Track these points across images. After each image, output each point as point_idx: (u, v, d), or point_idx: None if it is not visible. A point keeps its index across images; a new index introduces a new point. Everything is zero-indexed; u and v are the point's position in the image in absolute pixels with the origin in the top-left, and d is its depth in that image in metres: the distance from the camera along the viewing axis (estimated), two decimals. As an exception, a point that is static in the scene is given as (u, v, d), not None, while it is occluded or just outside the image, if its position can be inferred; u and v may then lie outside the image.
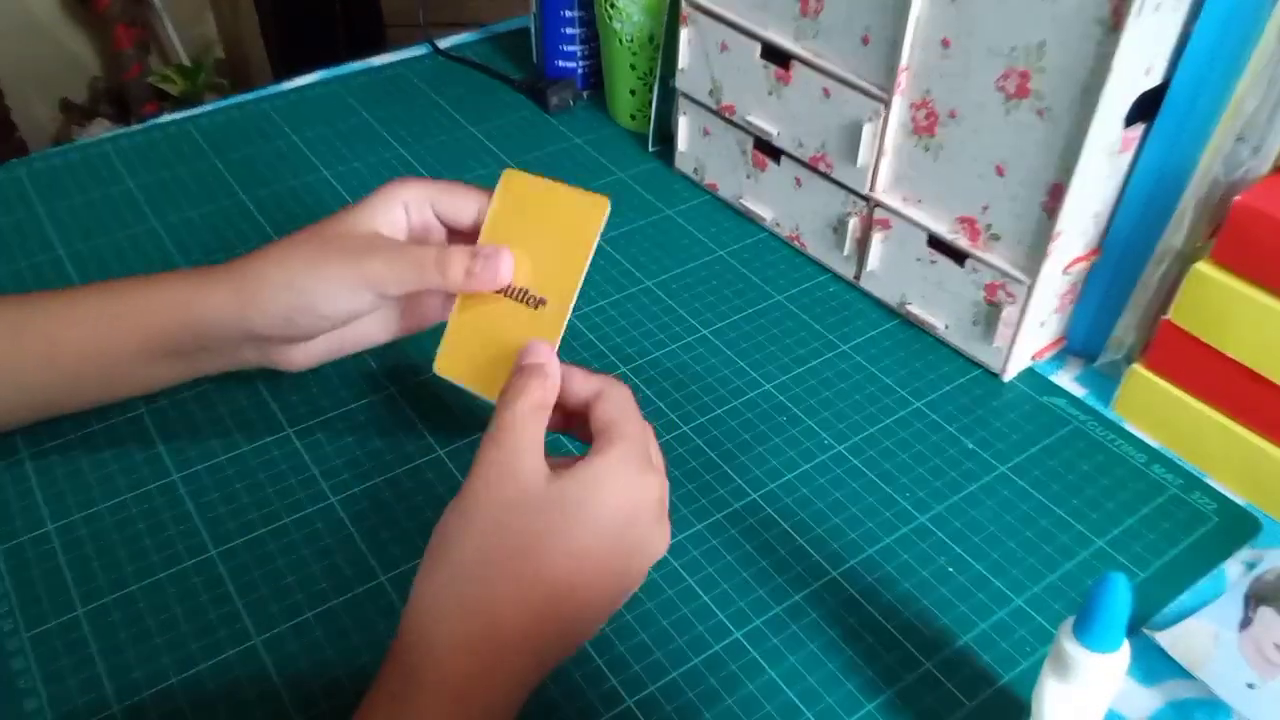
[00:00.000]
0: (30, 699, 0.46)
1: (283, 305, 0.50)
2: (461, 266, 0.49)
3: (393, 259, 0.49)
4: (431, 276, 0.49)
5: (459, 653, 0.39)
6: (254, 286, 0.50)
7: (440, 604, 0.40)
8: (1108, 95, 0.52)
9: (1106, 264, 0.61)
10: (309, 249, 0.50)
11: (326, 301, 0.50)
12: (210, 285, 0.51)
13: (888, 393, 0.62)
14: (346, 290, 0.49)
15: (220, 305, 0.50)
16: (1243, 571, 0.53)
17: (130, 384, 0.54)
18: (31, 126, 1.95)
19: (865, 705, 0.47)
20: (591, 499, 0.41)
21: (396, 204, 0.51)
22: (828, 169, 0.67)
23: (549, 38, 0.87)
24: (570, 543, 0.41)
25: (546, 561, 0.40)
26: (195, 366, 0.54)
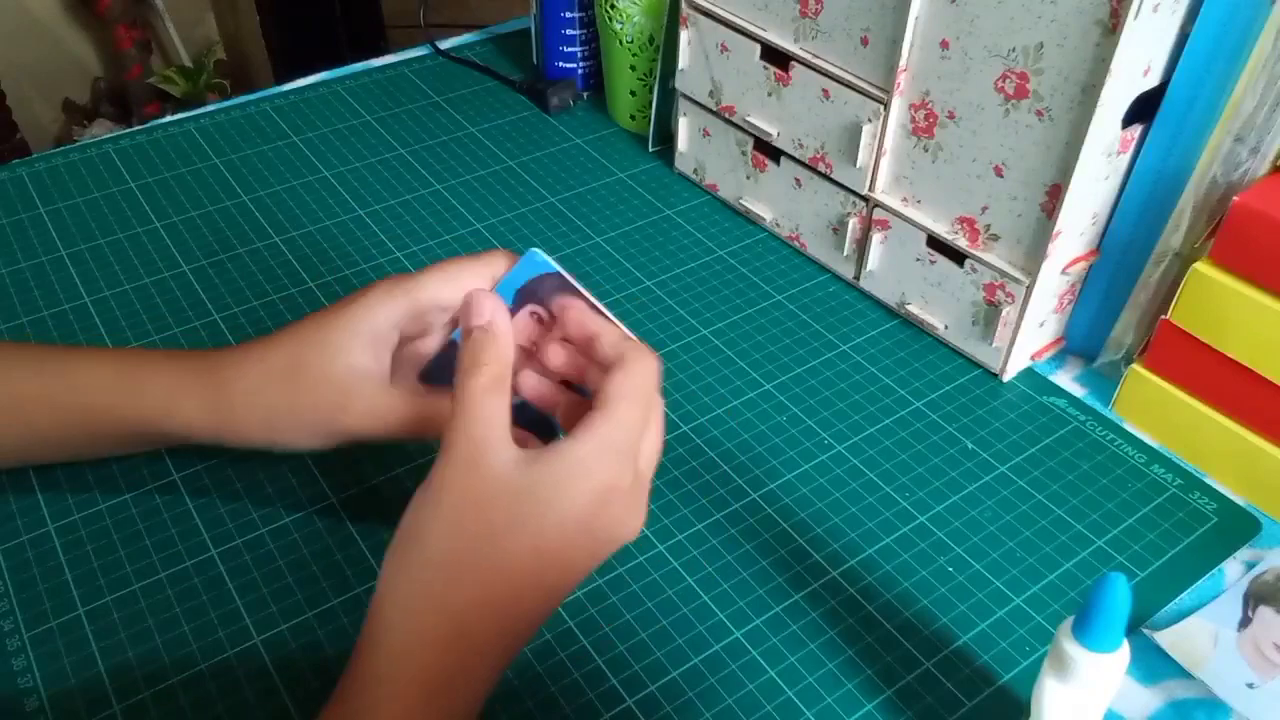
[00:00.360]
0: (30, 699, 0.46)
1: (258, 440, 0.49)
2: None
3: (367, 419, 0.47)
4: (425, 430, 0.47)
5: (427, 651, 0.38)
6: (228, 412, 0.48)
7: (408, 600, 0.39)
8: (1106, 96, 0.52)
9: (1105, 264, 0.61)
10: (286, 389, 0.47)
11: (303, 444, 0.49)
12: (185, 396, 0.49)
13: (887, 393, 0.62)
14: (324, 440, 0.48)
15: (195, 424, 0.49)
16: (1242, 571, 0.53)
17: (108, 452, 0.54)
18: (33, 127, 1.95)
19: (865, 705, 0.47)
20: (561, 489, 0.40)
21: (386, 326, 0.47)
22: (827, 169, 0.67)
23: (549, 38, 0.87)
24: (538, 537, 0.40)
25: (513, 556, 0.39)
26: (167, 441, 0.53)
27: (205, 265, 0.70)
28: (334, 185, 0.78)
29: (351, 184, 0.78)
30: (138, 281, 0.68)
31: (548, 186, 0.79)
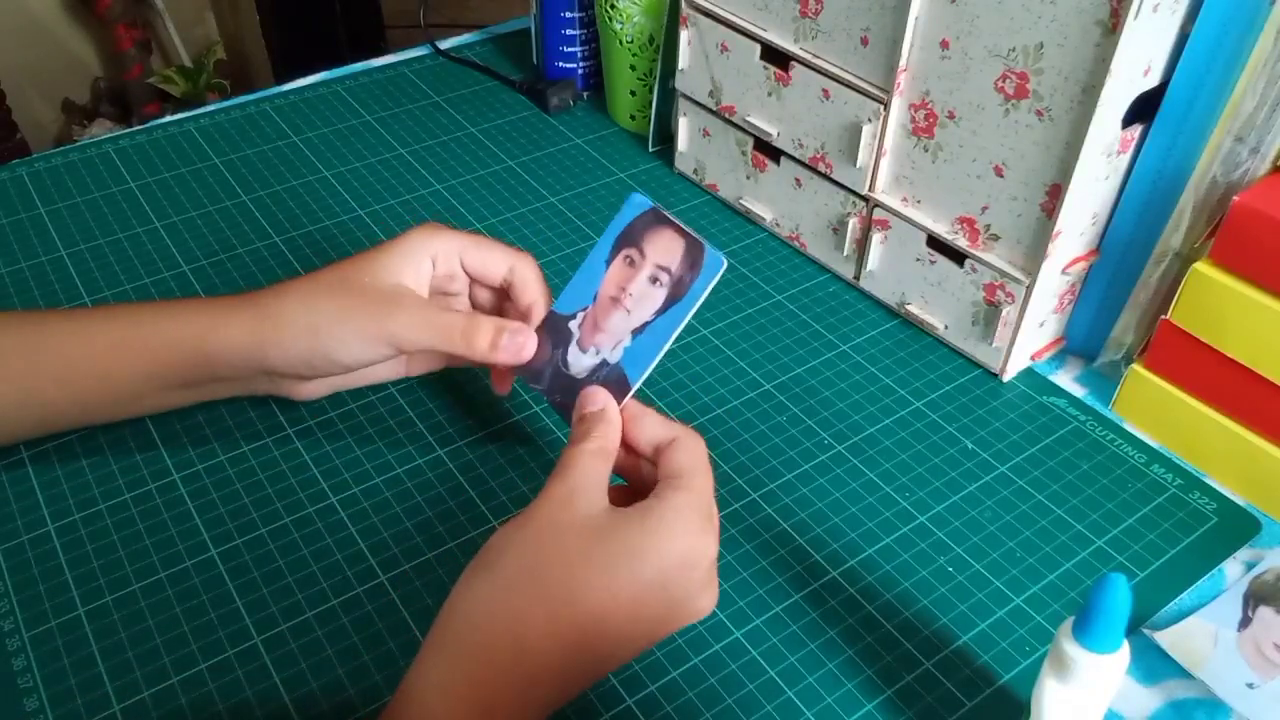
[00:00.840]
0: (30, 699, 0.46)
1: (302, 349, 0.50)
2: (487, 339, 0.49)
3: (417, 321, 0.49)
4: (457, 345, 0.49)
5: (485, 667, 0.39)
6: (273, 325, 0.50)
7: (475, 612, 0.40)
8: (1106, 96, 0.52)
9: (1105, 264, 0.61)
10: (334, 296, 0.50)
11: (345, 351, 0.50)
12: (228, 319, 0.51)
13: (887, 393, 0.62)
14: (368, 344, 0.49)
15: (238, 341, 0.50)
16: (1242, 571, 0.53)
17: (138, 408, 0.55)
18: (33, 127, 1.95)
19: (865, 705, 0.47)
20: (645, 540, 0.40)
21: (424, 255, 0.51)
22: (827, 169, 0.67)
23: (549, 38, 0.87)
24: (611, 577, 0.40)
25: (581, 589, 0.39)
26: (205, 394, 0.55)
27: (205, 265, 0.70)
28: (334, 185, 0.78)
29: (351, 184, 0.78)
30: (138, 281, 0.68)
31: (548, 186, 0.79)
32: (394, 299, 0.50)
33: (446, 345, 0.49)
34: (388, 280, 0.50)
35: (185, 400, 0.55)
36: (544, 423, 0.60)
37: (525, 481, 0.56)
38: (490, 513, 0.54)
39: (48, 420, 0.54)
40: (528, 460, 0.57)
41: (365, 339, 0.49)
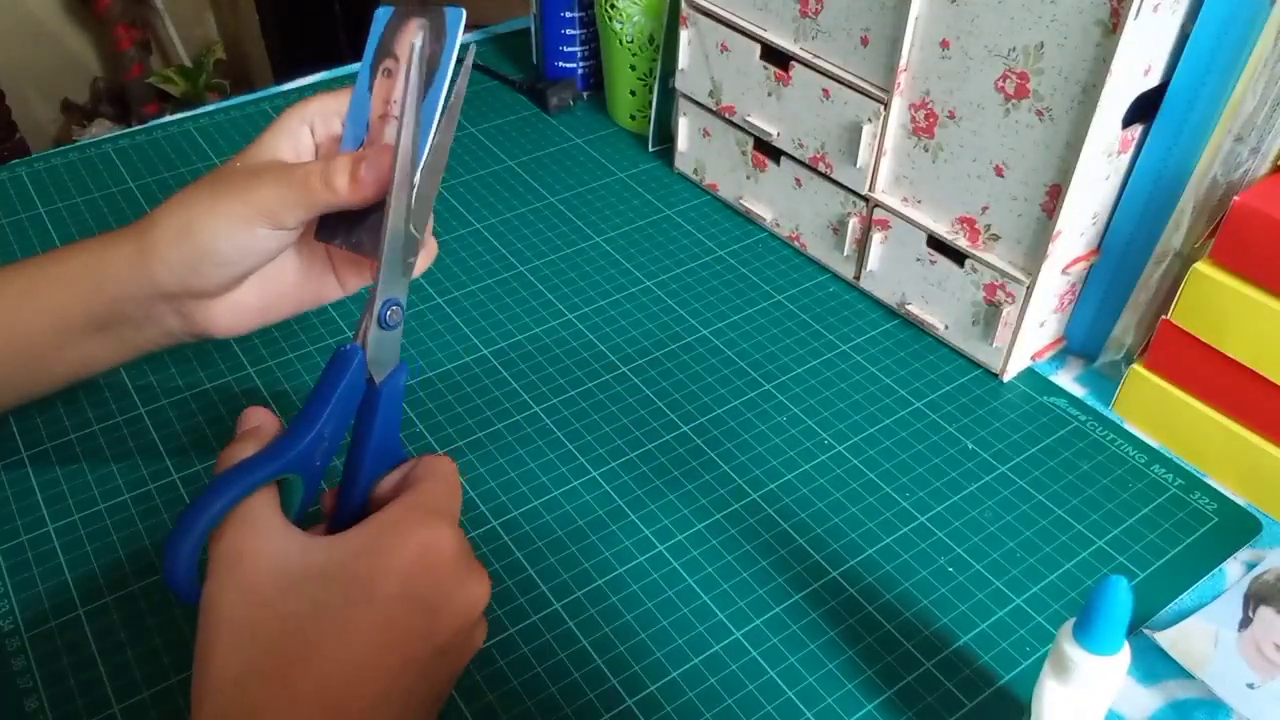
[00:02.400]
0: (30, 699, 0.46)
1: (184, 252, 0.46)
2: (345, 174, 0.44)
3: (279, 182, 0.45)
4: (319, 193, 0.44)
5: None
6: (152, 238, 0.46)
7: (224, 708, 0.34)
8: (1106, 96, 0.52)
9: (1106, 264, 0.61)
10: (203, 188, 0.46)
11: (223, 240, 0.45)
12: (115, 243, 0.47)
13: (888, 393, 0.62)
14: (239, 225, 0.45)
15: (123, 263, 0.47)
16: (1242, 571, 0.53)
17: (61, 368, 0.51)
18: (32, 127, 1.95)
19: (865, 705, 0.47)
20: (359, 559, 0.36)
21: (299, 123, 0.47)
22: (827, 169, 0.67)
23: (549, 38, 0.87)
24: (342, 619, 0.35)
25: (318, 653, 0.34)
26: (124, 341, 0.50)
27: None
28: (334, 185, 0.78)
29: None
30: (137, 281, 0.68)
31: (548, 186, 0.79)
32: (258, 172, 0.45)
33: (311, 198, 0.44)
34: (260, 157, 0.47)
35: (105, 352, 0.50)
36: (544, 422, 0.60)
37: (525, 482, 0.56)
38: (490, 513, 0.54)
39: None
40: (527, 460, 0.57)
41: (235, 220, 0.45)
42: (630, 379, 0.63)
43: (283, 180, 0.45)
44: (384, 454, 0.42)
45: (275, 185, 0.45)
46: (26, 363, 0.50)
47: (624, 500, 0.55)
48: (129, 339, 0.50)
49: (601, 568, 0.52)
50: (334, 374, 0.40)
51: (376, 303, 0.41)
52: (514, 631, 0.49)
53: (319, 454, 0.40)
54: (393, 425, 0.42)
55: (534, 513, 0.55)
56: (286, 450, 0.38)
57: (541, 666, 0.48)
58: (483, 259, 0.72)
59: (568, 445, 0.58)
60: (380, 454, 0.42)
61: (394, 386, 0.42)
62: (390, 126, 0.45)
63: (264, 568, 0.36)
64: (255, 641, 0.34)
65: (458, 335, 0.65)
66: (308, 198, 0.45)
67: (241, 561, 0.36)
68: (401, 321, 0.42)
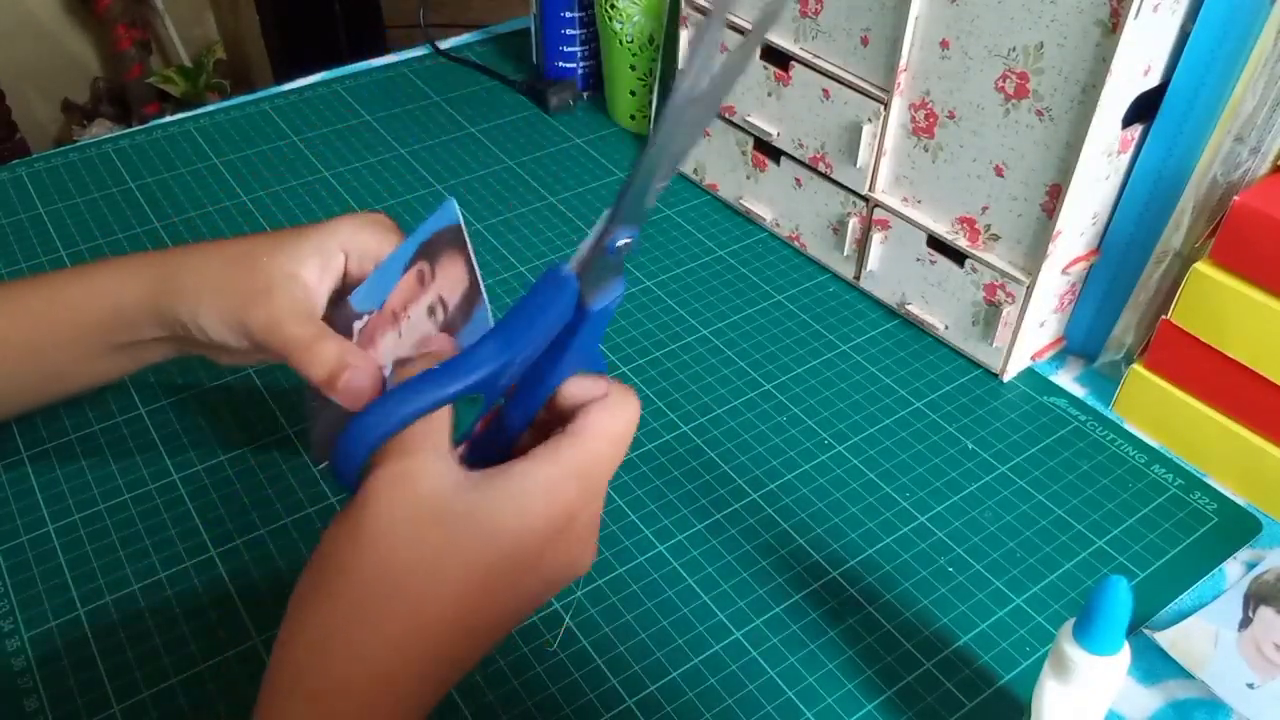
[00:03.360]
0: (30, 699, 0.46)
1: (184, 314, 0.48)
2: (325, 369, 0.45)
3: (271, 324, 0.46)
4: (298, 363, 0.45)
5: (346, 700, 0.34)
6: (165, 286, 0.48)
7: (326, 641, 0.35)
8: (1106, 96, 0.52)
9: (1106, 264, 0.61)
10: (225, 266, 0.48)
11: (212, 331, 0.47)
12: (135, 274, 0.49)
13: (888, 393, 0.62)
14: (226, 328, 0.47)
15: (141, 296, 0.48)
16: (1242, 571, 0.53)
17: (76, 381, 0.53)
18: (33, 127, 1.95)
19: (865, 705, 0.47)
20: (514, 511, 0.35)
21: (337, 248, 0.48)
22: (827, 169, 0.67)
23: (549, 38, 0.87)
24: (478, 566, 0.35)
25: (448, 589, 0.35)
26: (135, 359, 0.52)
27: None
28: (334, 185, 0.78)
29: (351, 184, 0.78)
30: (137, 281, 0.68)
31: (548, 186, 0.79)
32: (270, 288, 0.46)
33: (285, 358, 0.46)
34: (286, 265, 0.47)
35: (118, 368, 0.52)
36: (544, 423, 0.60)
37: (525, 482, 0.56)
38: (490, 513, 0.54)
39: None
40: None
41: (225, 322, 0.47)
42: (630, 379, 0.63)
43: (274, 326, 0.46)
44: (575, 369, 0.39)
45: (266, 322, 0.46)
46: (44, 377, 0.52)
47: (624, 500, 0.55)
48: (141, 355, 0.52)
49: (602, 568, 0.52)
50: (541, 300, 0.37)
51: (611, 230, 0.36)
52: (514, 632, 0.49)
53: (508, 375, 0.37)
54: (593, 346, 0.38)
55: (534, 513, 0.55)
56: (478, 367, 0.36)
57: (541, 666, 0.48)
58: (482, 259, 0.72)
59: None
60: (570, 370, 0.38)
61: (605, 307, 0.38)
62: (392, 332, 0.45)
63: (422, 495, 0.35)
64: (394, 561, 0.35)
65: (458, 335, 0.65)
66: (285, 356, 0.46)
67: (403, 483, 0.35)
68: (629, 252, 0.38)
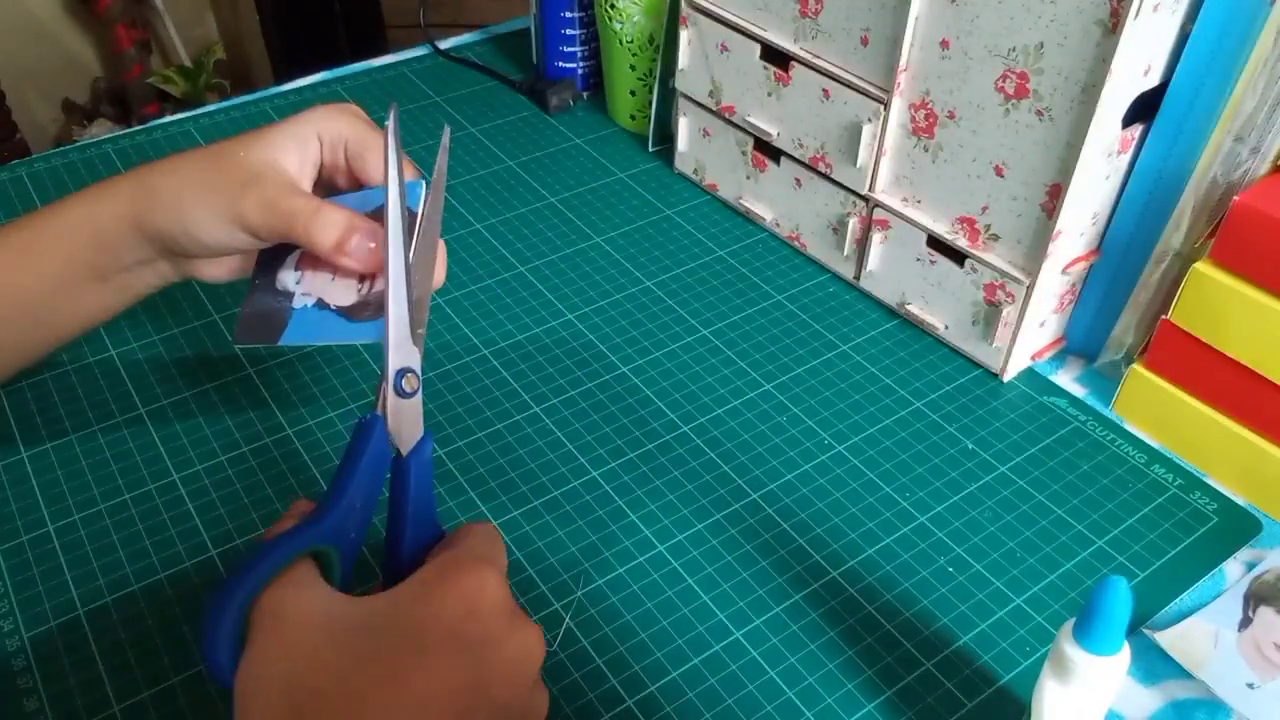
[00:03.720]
0: (30, 699, 0.46)
1: (171, 222, 0.46)
2: (333, 234, 0.44)
3: (267, 204, 0.45)
4: (298, 234, 0.44)
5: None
6: (145, 195, 0.47)
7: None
8: (1106, 96, 0.52)
9: (1106, 264, 0.61)
10: (204, 167, 0.47)
11: (203, 230, 0.46)
12: (109, 197, 0.48)
13: (888, 393, 0.62)
14: (220, 224, 0.45)
15: (120, 216, 0.47)
16: (1243, 571, 0.53)
17: (63, 321, 0.51)
18: (33, 127, 1.95)
19: (865, 705, 0.47)
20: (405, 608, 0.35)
21: (311, 133, 0.47)
22: (827, 169, 0.67)
23: (549, 38, 0.87)
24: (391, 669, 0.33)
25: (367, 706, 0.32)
26: (120, 290, 0.50)
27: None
28: (334, 185, 0.78)
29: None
30: (137, 281, 0.68)
31: (548, 186, 0.79)
32: (256, 177, 0.45)
33: (288, 233, 0.45)
34: (264, 156, 0.46)
35: (103, 303, 0.51)
36: (544, 422, 0.60)
37: (524, 482, 0.56)
38: (490, 514, 0.54)
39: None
40: (527, 461, 0.57)
41: (217, 217, 0.45)
42: (630, 379, 0.63)
43: (271, 204, 0.45)
44: (421, 526, 0.41)
45: (262, 204, 0.45)
46: (30, 319, 0.50)
47: (624, 500, 0.55)
48: (127, 285, 0.51)
49: (601, 568, 0.52)
50: (357, 444, 0.40)
51: (390, 371, 0.41)
52: (514, 631, 0.49)
53: (352, 525, 0.39)
54: (426, 496, 0.41)
55: (534, 513, 0.55)
56: (319, 520, 0.38)
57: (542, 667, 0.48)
58: (483, 259, 0.72)
59: (568, 445, 0.58)
60: (418, 526, 0.41)
61: (421, 458, 0.41)
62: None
63: (309, 625, 0.34)
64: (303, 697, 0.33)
65: (457, 335, 0.65)
66: (287, 231, 0.45)
67: (286, 619, 0.34)
68: (419, 389, 0.41)
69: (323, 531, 0.37)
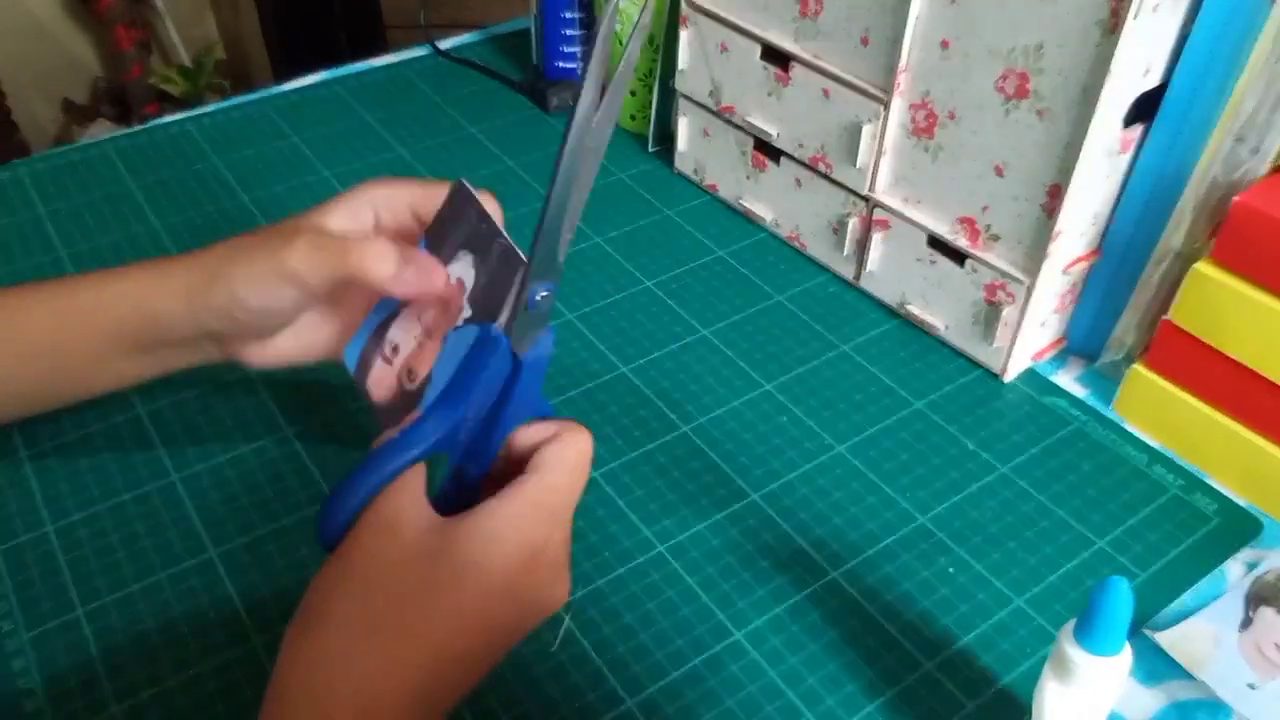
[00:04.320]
0: (30, 699, 0.46)
1: (221, 300, 0.47)
2: (386, 262, 0.44)
3: (310, 245, 0.45)
4: (348, 266, 0.45)
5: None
6: (199, 279, 0.47)
7: (313, 677, 0.36)
8: (1107, 96, 0.52)
9: (1106, 264, 0.61)
10: (249, 239, 0.47)
11: (249, 293, 0.46)
12: (166, 273, 0.48)
13: (888, 393, 0.62)
14: (266, 281, 0.46)
15: (173, 298, 0.48)
16: (1243, 572, 0.53)
17: (95, 382, 0.52)
18: (33, 127, 1.95)
19: (866, 706, 0.47)
20: (484, 549, 0.38)
21: (363, 204, 0.48)
22: (827, 169, 0.67)
23: (549, 38, 0.87)
24: (457, 599, 0.37)
25: (425, 623, 0.37)
26: (160, 362, 0.51)
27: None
28: (334, 185, 0.78)
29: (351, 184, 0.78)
30: (137, 282, 0.68)
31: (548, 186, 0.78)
32: (298, 231, 0.46)
33: (341, 264, 0.45)
34: (311, 220, 0.47)
35: (140, 370, 0.51)
36: (544, 423, 0.60)
37: (525, 482, 0.56)
38: (490, 513, 0.54)
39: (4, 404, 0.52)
40: (528, 461, 0.57)
41: (262, 276, 0.46)
42: (630, 379, 0.63)
43: (315, 243, 0.46)
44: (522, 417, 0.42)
45: (306, 247, 0.46)
46: (67, 377, 0.51)
47: (624, 500, 0.55)
48: (165, 361, 0.51)
49: (602, 568, 0.52)
50: (476, 362, 0.41)
51: (527, 289, 0.40)
52: (514, 632, 0.49)
53: (464, 432, 0.41)
54: (533, 392, 0.42)
55: (534, 513, 0.55)
56: (436, 429, 0.40)
57: (541, 667, 0.48)
58: (483, 259, 0.71)
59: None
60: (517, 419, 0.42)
61: (539, 357, 0.41)
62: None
63: (401, 537, 0.38)
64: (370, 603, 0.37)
65: (458, 335, 0.65)
66: (338, 264, 0.45)
67: (384, 529, 0.38)
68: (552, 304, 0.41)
69: (438, 442, 0.40)
